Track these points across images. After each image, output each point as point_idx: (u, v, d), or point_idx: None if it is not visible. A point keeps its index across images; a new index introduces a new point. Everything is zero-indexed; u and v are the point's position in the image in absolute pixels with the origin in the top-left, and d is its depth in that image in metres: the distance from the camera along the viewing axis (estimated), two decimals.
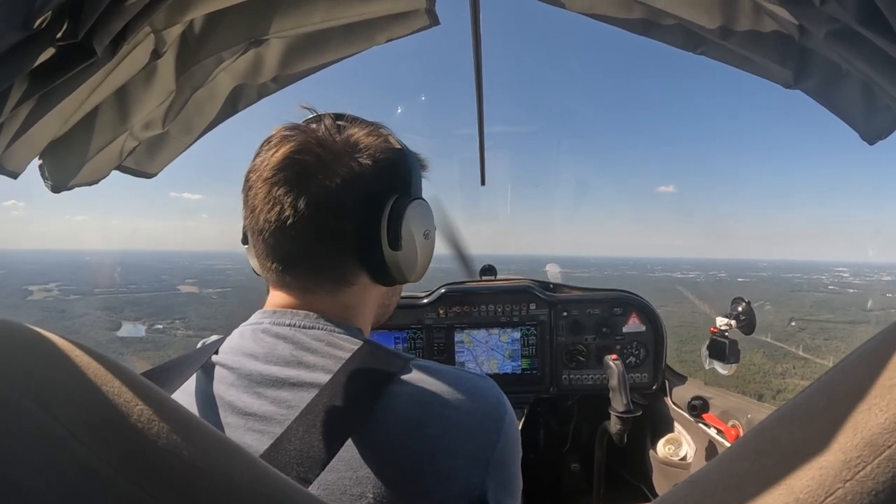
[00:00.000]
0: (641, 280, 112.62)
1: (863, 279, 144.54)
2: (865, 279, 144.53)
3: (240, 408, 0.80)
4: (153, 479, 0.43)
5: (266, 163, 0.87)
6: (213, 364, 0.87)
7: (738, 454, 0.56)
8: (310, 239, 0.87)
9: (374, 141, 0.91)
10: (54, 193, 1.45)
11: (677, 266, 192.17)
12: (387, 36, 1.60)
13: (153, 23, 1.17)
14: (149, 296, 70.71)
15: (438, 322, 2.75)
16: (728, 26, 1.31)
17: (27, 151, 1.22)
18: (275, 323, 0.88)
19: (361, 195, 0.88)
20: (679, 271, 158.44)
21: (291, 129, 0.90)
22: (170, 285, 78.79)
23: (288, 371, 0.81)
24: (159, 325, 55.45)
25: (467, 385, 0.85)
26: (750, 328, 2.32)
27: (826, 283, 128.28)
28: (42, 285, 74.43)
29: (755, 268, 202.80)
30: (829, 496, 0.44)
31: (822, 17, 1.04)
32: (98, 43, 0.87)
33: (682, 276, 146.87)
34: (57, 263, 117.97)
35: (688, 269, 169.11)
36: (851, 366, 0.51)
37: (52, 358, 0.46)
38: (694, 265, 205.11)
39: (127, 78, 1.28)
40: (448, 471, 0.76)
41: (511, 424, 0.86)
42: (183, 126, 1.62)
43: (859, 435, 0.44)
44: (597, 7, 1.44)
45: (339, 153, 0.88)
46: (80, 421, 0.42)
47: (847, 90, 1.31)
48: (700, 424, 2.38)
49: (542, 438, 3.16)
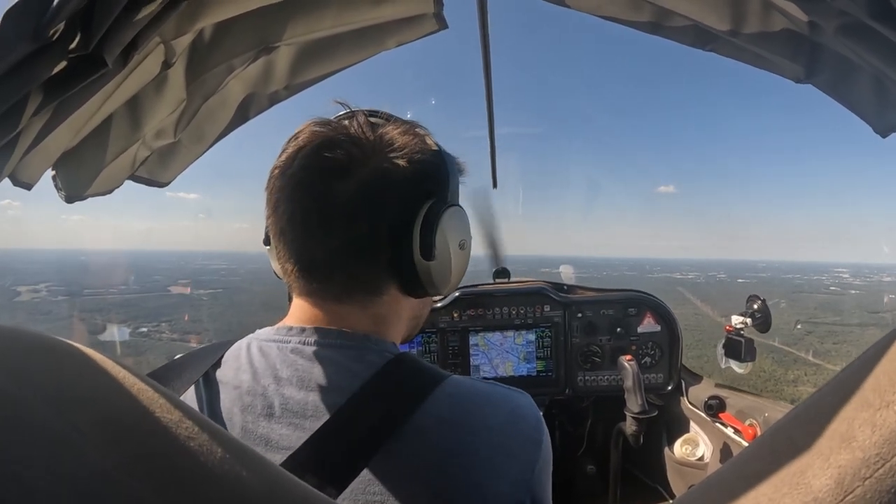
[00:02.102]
0: (641, 281, 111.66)
1: (863, 280, 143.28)
2: (866, 280, 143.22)
3: (275, 441, 0.76)
4: (164, 482, 0.43)
5: (292, 159, 0.82)
6: (233, 386, 0.83)
7: (754, 454, 0.56)
8: (337, 243, 0.82)
9: (410, 140, 0.84)
10: (68, 204, 1.46)
11: (676, 267, 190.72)
12: (396, 41, 1.60)
13: (163, 33, 1.18)
14: (137, 297, 70.08)
15: (453, 325, 2.75)
16: (738, 23, 1.30)
17: (40, 162, 1.23)
18: (304, 342, 0.83)
19: (394, 198, 0.83)
20: (678, 272, 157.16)
21: (322, 124, 0.85)
22: (161, 286, 77.52)
23: (321, 396, 0.78)
24: (144, 329, 53.58)
25: (510, 407, 0.83)
26: (766, 326, 2.30)
27: (827, 284, 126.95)
28: (31, 286, 73.64)
29: (754, 268, 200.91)
30: (847, 495, 0.43)
31: (833, 11, 1.03)
32: (108, 54, 0.87)
33: (681, 276, 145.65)
34: (50, 263, 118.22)
35: (687, 270, 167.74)
36: (867, 363, 0.50)
37: (63, 360, 0.47)
38: (692, 266, 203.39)
39: (138, 88, 1.29)
40: (494, 493, 0.74)
41: (547, 444, 0.85)
42: (195, 134, 1.63)
43: (878, 433, 0.44)
44: (605, 7, 1.44)
45: (372, 151, 0.82)
46: (90, 422, 0.42)
47: (859, 84, 1.30)
48: (717, 424, 2.36)
49: (557, 440, 3.15)
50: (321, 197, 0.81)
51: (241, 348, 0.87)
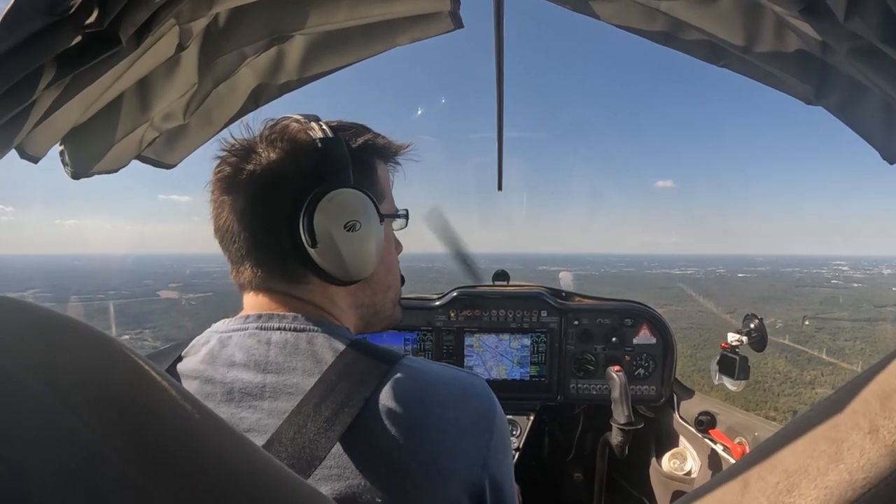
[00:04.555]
0: (640, 277, 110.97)
1: (863, 273, 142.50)
2: (866, 272, 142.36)
3: (235, 425, 0.77)
4: (157, 465, 0.43)
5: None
6: (193, 377, 0.85)
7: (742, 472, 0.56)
8: (247, 241, 0.91)
9: (293, 132, 0.92)
10: (74, 180, 1.46)
11: (674, 263, 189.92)
12: (410, 37, 1.60)
13: (178, 15, 1.18)
14: (124, 302, 68.96)
15: (449, 325, 2.75)
16: (751, 40, 1.30)
17: (49, 137, 1.24)
18: (261, 328, 0.87)
19: (279, 195, 0.89)
20: (677, 268, 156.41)
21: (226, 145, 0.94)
22: (151, 290, 76.70)
23: (279, 378, 0.81)
24: (126, 336, 51.72)
25: (462, 384, 0.86)
26: (762, 345, 2.30)
27: (828, 278, 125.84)
28: (19, 292, 72.88)
29: (752, 263, 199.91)
30: None
31: (845, 33, 1.04)
32: (123, 32, 0.88)
33: (680, 272, 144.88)
34: (42, 269, 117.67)
35: (685, 266, 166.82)
36: (858, 386, 0.50)
37: (60, 337, 0.47)
38: (691, 262, 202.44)
39: (150, 69, 1.29)
40: (448, 470, 0.76)
41: (502, 422, 0.88)
42: (203, 119, 1.63)
43: (866, 456, 0.44)
44: (622, 17, 1.44)
45: (251, 150, 0.90)
46: (85, 402, 0.42)
47: (868, 108, 1.30)
48: (706, 440, 2.36)
49: (546, 446, 3.15)
50: (224, 207, 0.91)
51: (199, 342, 0.91)
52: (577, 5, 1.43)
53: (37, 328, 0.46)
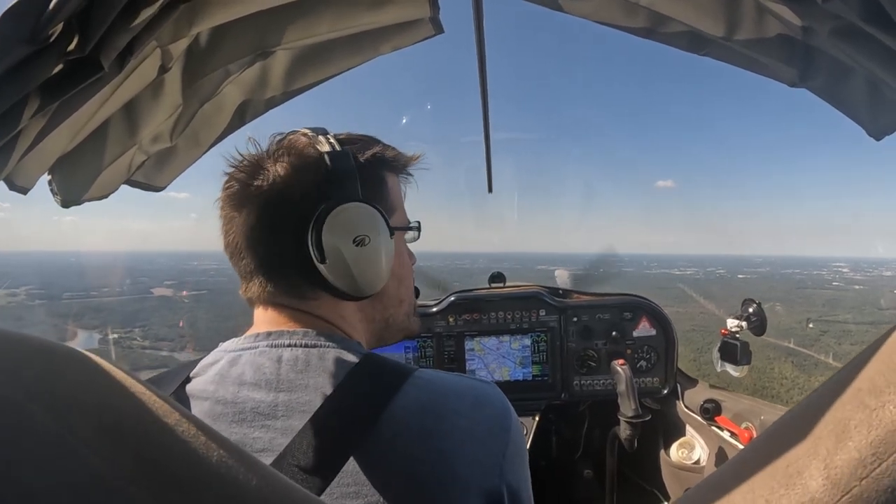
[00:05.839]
0: (639, 277, 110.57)
1: (864, 275, 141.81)
2: (867, 275, 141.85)
3: (248, 445, 0.78)
4: (164, 487, 0.43)
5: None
6: (203, 398, 0.84)
7: (751, 457, 0.56)
8: (255, 257, 0.91)
9: (300, 147, 0.92)
10: (64, 208, 1.45)
11: (674, 263, 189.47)
12: (392, 46, 1.60)
13: (159, 37, 1.18)
14: (116, 300, 67.57)
15: (448, 330, 2.75)
16: (732, 27, 1.31)
17: (37, 167, 1.23)
18: (272, 345, 0.87)
19: (285, 213, 0.89)
20: (676, 268, 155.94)
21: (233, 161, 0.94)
22: (145, 288, 74.93)
23: (291, 395, 0.80)
24: (114, 335, 49.86)
25: (475, 393, 0.85)
26: (761, 329, 2.31)
27: (829, 280, 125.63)
28: (10, 289, 70.86)
29: (751, 263, 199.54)
30: (845, 495, 0.44)
31: (826, 15, 1.04)
32: (105, 57, 0.87)
33: (679, 272, 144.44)
34: (37, 265, 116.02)
35: (685, 266, 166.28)
36: (862, 363, 0.50)
37: (62, 366, 0.46)
38: (690, 262, 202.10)
39: (134, 92, 1.28)
40: (465, 480, 0.76)
41: (517, 429, 0.87)
42: (191, 139, 1.62)
43: (874, 433, 0.44)
44: (600, 12, 1.44)
45: (259, 166, 0.90)
46: (90, 427, 0.42)
47: (852, 87, 1.31)
48: (713, 427, 2.37)
49: (554, 445, 3.15)
50: (233, 223, 0.92)
51: (209, 362, 0.90)
52: (556, 4, 1.44)
53: (38, 358, 0.46)
